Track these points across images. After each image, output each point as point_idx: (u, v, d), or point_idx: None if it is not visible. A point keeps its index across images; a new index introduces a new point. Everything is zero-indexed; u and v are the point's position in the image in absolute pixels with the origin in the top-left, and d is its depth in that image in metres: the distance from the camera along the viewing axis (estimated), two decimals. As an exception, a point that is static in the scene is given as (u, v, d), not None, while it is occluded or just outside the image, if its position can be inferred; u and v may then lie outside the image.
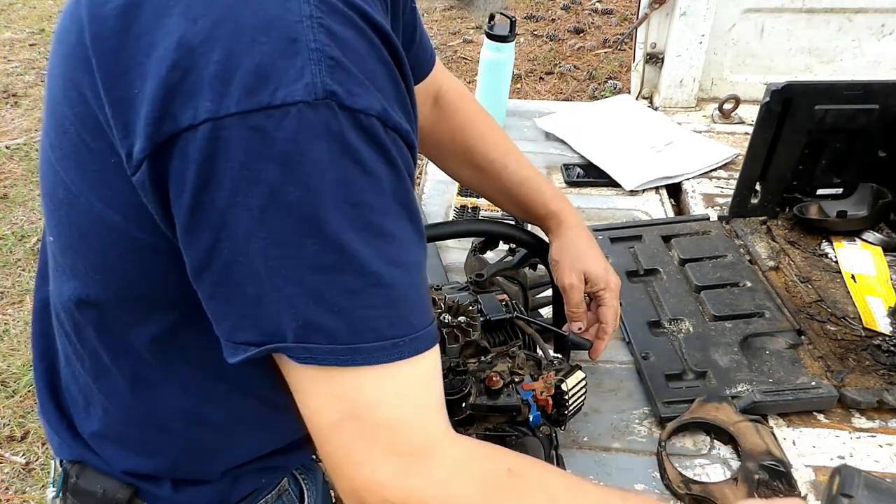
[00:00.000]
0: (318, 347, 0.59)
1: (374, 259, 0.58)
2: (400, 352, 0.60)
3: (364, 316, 0.59)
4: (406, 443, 0.62)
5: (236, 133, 0.53)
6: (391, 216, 0.60)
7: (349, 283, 0.58)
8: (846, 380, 1.10)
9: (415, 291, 0.62)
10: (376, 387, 0.61)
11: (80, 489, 0.84)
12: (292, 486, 0.94)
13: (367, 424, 0.61)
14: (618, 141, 1.76)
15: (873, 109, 1.32)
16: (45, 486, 2.25)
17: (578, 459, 1.01)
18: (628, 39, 2.18)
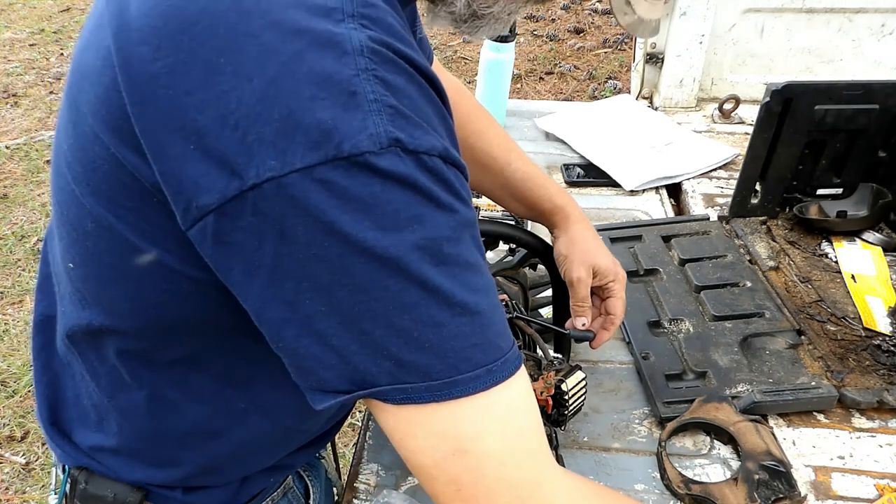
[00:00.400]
0: (413, 386, 0.58)
1: (456, 289, 0.58)
2: (494, 377, 0.60)
3: (455, 347, 0.59)
4: (516, 472, 0.62)
5: (303, 188, 0.53)
6: (463, 245, 0.60)
7: (436, 317, 0.58)
8: (846, 380, 1.10)
9: (497, 314, 0.62)
10: (477, 418, 0.60)
11: (90, 494, 0.84)
12: (297, 483, 0.95)
13: (472, 458, 0.60)
14: (618, 141, 1.76)
15: (873, 109, 1.32)
16: (45, 487, 2.25)
17: (578, 459, 1.01)
18: (628, 39, 2.18)
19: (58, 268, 0.78)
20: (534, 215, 1.10)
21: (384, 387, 0.59)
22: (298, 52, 0.53)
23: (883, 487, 0.98)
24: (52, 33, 5.13)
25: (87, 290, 0.73)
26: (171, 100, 0.55)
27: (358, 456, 1.02)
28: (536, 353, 1.02)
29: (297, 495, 0.96)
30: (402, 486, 0.98)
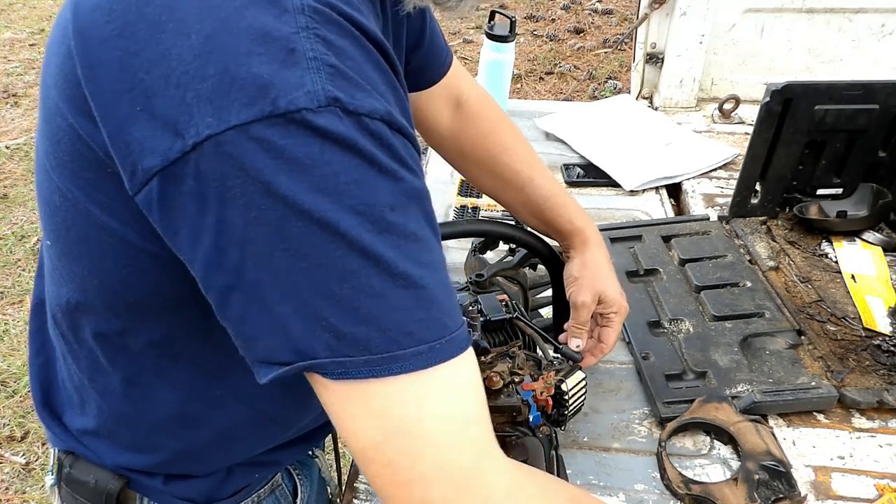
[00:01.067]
0: (352, 360, 0.56)
1: (399, 260, 0.57)
2: (437, 355, 0.58)
3: (397, 320, 0.57)
4: (456, 458, 0.60)
5: (240, 146, 0.53)
6: (410, 216, 0.58)
7: (377, 287, 0.56)
8: (846, 380, 1.10)
9: (444, 291, 0.61)
10: (418, 397, 0.58)
11: (74, 479, 0.85)
12: (286, 481, 0.94)
13: (410, 441, 0.59)
14: (618, 141, 1.76)
15: (873, 109, 1.32)
16: (44, 487, 2.25)
17: (578, 459, 1.01)
18: (628, 39, 2.18)
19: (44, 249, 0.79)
20: (551, 233, 1.09)
21: (323, 359, 0.57)
22: (238, 8, 0.53)
23: (883, 487, 0.98)
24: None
25: (62, 267, 0.73)
26: (119, 61, 0.55)
27: (358, 456, 1.02)
28: (536, 354, 1.02)
29: (286, 493, 0.95)
30: (402, 486, 0.98)
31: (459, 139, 1.10)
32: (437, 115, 1.09)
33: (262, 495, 0.91)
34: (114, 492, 0.83)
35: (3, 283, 2.99)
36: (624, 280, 1.32)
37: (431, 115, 1.09)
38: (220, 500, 0.88)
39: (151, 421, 0.80)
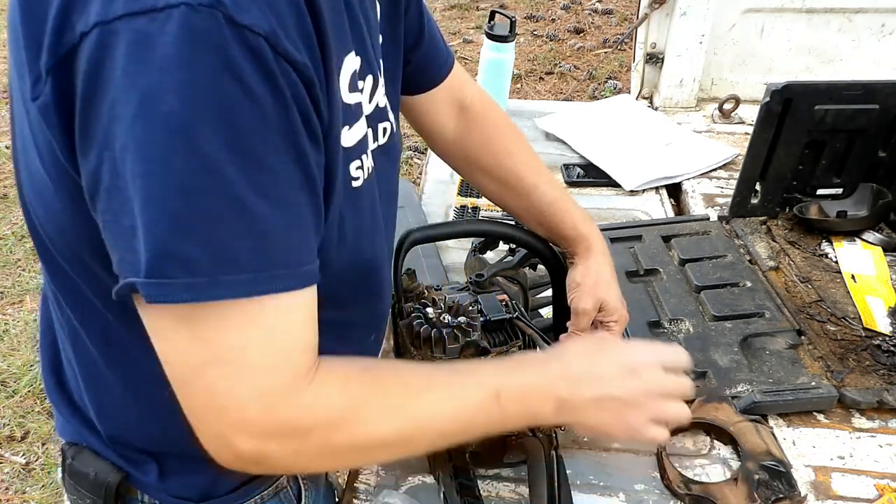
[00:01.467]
0: (173, 283, 0.56)
1: (243, 186, 0.56)
2: (260, 286, 0.58)
3: (226, 246, 0.57)
4: (272, 384, 0.62)
5: (121, 37, 0.53)
6: (270, 147, 0.57)
7: (214, 208, 0.56)
8: (846, 380, 1.10)
9: (283, 229, 0.60)
10: (241, 327, 0.59)
11: (76, 470, 0.85)
12: (291, 484, 0.94)
13: (231, 368, 0.60)
14: (618, 141, 1.76)
15: (873, 109, 1.32)
16: (45, 486, 2.26)
17: (578, 459, 1.01)
18: (628, 39, 2.18)
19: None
20: (556, 239, 1.09)
21: (143, 279, 0.56)
22: None
23: (883, 487, 0.98)
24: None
25: (30, 221, 0.74)
26: None
27: (358, 456, 1.02)
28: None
29: (290, 496, 0.93)
30: (402, 485, 0.98)
31: (464, 144, 1.10)
32: (442, 120, 1.09)
33: (266, 497, 0.90)
34: (113, 484, 0.83)
35: (3, 283, 2.99)
36: (624, 280, 1.32)
37: (435, 119, 1.08)
38: (218, 496, 0.87)
39: (131, 383, 0.79)
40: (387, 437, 0.69)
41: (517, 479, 0.98)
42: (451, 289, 1.09)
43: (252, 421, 0.62)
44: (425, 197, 1.59)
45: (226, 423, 0.62)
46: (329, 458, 0.69)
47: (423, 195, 1.59)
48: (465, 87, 1.09)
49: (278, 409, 0.63)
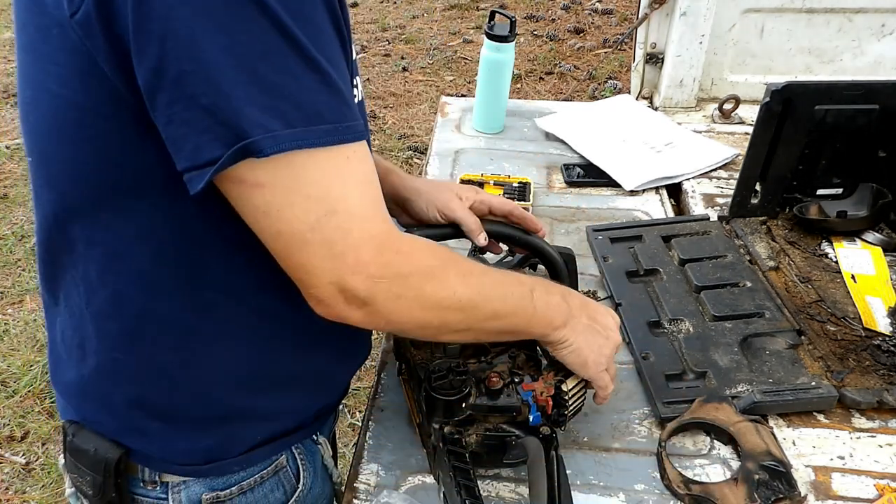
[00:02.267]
0: (279, 134, 0.63)
1: (310, 46, 0.63)
2: (344, 134, 0.66)
3: (310, 100, 0.64)
4: (377, 228, 0.71)
5: None
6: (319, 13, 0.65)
7: (293, 67, 0.63)
8: (846, 380, 1.10)
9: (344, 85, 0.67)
10: (339, 175, 0.67)
11: (76, 447, 0.88)
12: (290, 463, 0.96)
13: (342, 217, 0.68)
14: (618, 141, 1.76)
15: (873, 109, 1.32)
16: (45, 486, 2.26)
17: (578, 459, 1.01)
18: (628, 39, 2.18)
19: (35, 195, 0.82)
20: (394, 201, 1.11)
21: (256, 136, 0.62)
22: None
23: (883, 487, 0.98)
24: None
25: (42, 176, 0.77)
26: None
27: (358, 456, 1.02)
28: (536, 354, 1.02)
29: (289, 476, 0.96)
30: (402, 486, 0.98)
31: None
32: None
33: (266, 476, 0.93)
34: (112, 460, 0.86)
35: (3, 283, 2.99)
36: (624, 280, 1.32)
37: None
38: (224, 460, 0.89)
39: (147, 336, 0.81)
40: (462, 299, 0.79)
41: (517, 479, 0.98)
42: (451, 289, 1.09)
43: (367, 263, 0.70)
44: (425, 197, 1.59)
45: (344, 268, 0.69)
46: (418, 309, 0.77)
47: (423, 195, 1.59)
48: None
49: (386, 252, 0.71)
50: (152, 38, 0.60)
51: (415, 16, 5.26)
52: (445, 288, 0.78)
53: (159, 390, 0.84)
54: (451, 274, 0.79)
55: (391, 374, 1.14)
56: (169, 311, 0.80)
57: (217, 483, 0.90)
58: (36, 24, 0.69)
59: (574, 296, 0.95)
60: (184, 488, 0.89)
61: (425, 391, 0.92)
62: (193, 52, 0.60)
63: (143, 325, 0.81)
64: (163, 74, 0.61)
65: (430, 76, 4.52)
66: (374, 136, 3.96)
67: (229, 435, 0.89)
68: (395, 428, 1.06)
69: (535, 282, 0.90)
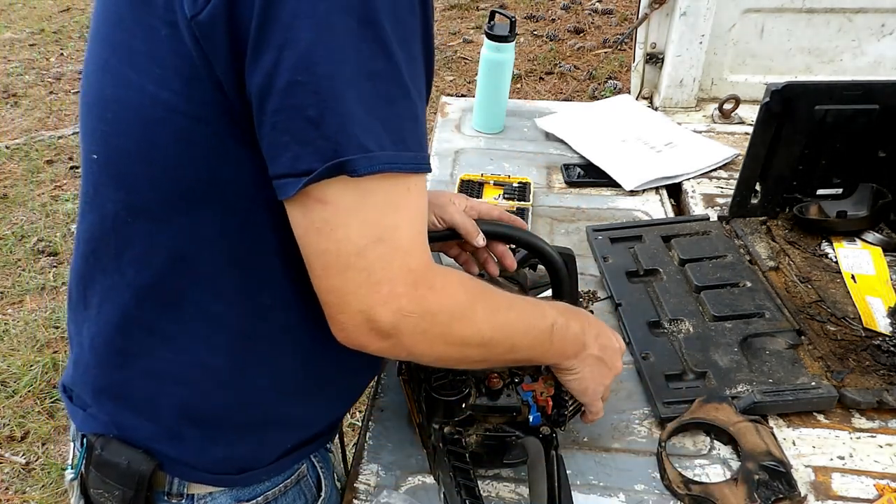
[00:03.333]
0: (374, 155, 0.64)
1: (406, 74, 0.65)
2: (418, 164, 0.68)
3: (398, 126, 0.66)
4: (416, 263, 0.71)
5: None
6: (416, 42, 0.67)
7: (391, 92, 0.65)
8: (846, 380, 1.10)
9: (423, 116, 0.69)
10: (398, 205, 0.68)
11: (105, 461, 0.86)
12: (310, 472, 0.97)
13: (387, 247, 0.69)
14: (618, 141, 1.76)
15: (873, 109, 1.32)
16: (45, 486, 2.25)
17: (578, 459, 1.01)
18: (628, 39, 2.18)
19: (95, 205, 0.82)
20: None
21: (354, 156, 0.64)
22: None
23: (883, 487, 0.98)
24: (51, 33, 5.12)
25: (111, 173, 0.78)
26: None
27: (358, 456, 1.02)
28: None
29: (310, 485, 0.97)
30: (402, 486, 0.98)
31: None
32: None
33: (289, 486, 0.93)
34: (146, 473, 0.84)
35: (3, 283, 2.99)
36: (624, 280, 1.32)
37: None
38: (256, 468, 0.89)
39: (202, 346, 0.82)
40: (484, 336, 0.80)
41: (517, 479, 0.98)
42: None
43: (399, 295, 0.70)
44: (425, 197, 1.59)
45: (376, 298, 0.70)
46: (441, 345, 0.77)
47: (423, 195, 1.59)
48: None
49: (420, 287, 0.72)
50: (272, 45, 0.62)
51: (415, 16, 5.25)
52: (472, 326, 0.78)
53: (207, 394, 0.84)
54: (478, 311, 0.79)
55: (391, 374, 1.14)
56: (227, 314, 0.80)
57: (243, 494, 0.89)
58: (138, 21, 0.69)
59: (592, 325, 0.95)
60: (210, 500, 0.88)
61: (425, 391, 0.92)
62: (308, 63, 0.62)
63: (199, 328, 0.81)
64: (275, 81, 0.63)
65: (430, 76, 4.51)
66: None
67: (263, 442, 0.89)
68: (395, 428, 1.06)
69: (558, 313, 0.89)
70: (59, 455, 2.36)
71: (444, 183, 1.62)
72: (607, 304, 1.29)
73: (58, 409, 2.49)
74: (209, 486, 0.88)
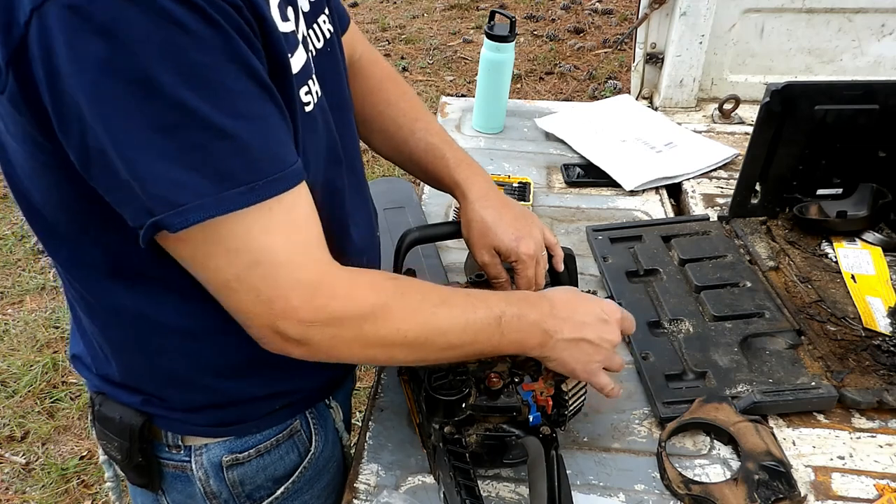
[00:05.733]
0: (187, 207, 0.65)
1: (214, 113, 0.64)
2: (262, 192, 0.67)
3: (219, 167, 0.65)
4: (304, 275, 0.72)
5: (56, 16, 0.58)
6: (224, 71, 0.64)
7: (195, 139, 0.64)
8: (846, 380, 1.10)
9: (262, 140, 0.68)
10: (261, 230, 0.69)
11: (103, 416, 0.93)
12: (304, 427, 0.99)
13: (268, 268, 0.70)
14: (618, 141, 1.76)
15: (873, 109, 1.32)
16: (45, 487, 2.26)
17: (578, 459, 1.01)
18: (628, 39, 2.18)
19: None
20: (442, 189, 1.09)
21: (162, 215, 0.65)
22: None
23: (883, 487, 0.98)
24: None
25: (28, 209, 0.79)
26: None
27: (358, 456, 1.02)
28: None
29: (303, 439, 0.99)
30: (402, 486, 0.98)
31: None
32: None
33: (282, 439, 0.97)
34: (137, 426, 0.90)
35: (3, 283, 2.99)
36: (624, 280, 1.32)
37: None
38: (246, 422, 0.93)
39: (129, 336, 0.86)
40: (408, 336, 0.79)
41: (517, 479, 0.98)
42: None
43: (296, 308, 0.72)
44: (425, 197, 1.59)
45: (274, 314, 0.72)
46: (358, 347, 0.78)
47: (423, 195, 1.59)
48: (356, 45, 1.10)
49: (316, 298, 0.73)
50: (71, 118, 0.63)
51: (415, 16, 5.26)
52: (387, 327, 0.78)
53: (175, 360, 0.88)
54: (395, 312, 0.79)
55: (391, 374, 1.14)
56: (164, 309, 0.83)
57: (236, 445, 0.94)
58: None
59: (560, 308, 0.91)
60: (205, 451, 0.93)
61: (425, 391, 0.92)
62: (102, 133, 0.63)
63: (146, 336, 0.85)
64: (88, 150, 0.64)
65: (430, 76, 4.52)
66: (374, 136, 3.95)
67: (246, 400, 0.93)
68: (395, 428, 1.06)
69: (507, 304, 0.87)
70: (59, 455, 2.36)
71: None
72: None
73: (58, 409, 2.49)
74: (203, 438, 0.93)
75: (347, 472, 1.02)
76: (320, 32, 0.87)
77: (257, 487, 0.97)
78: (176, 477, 0.95)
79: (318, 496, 1.04)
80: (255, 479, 0.96)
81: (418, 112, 1.10)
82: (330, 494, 1.07)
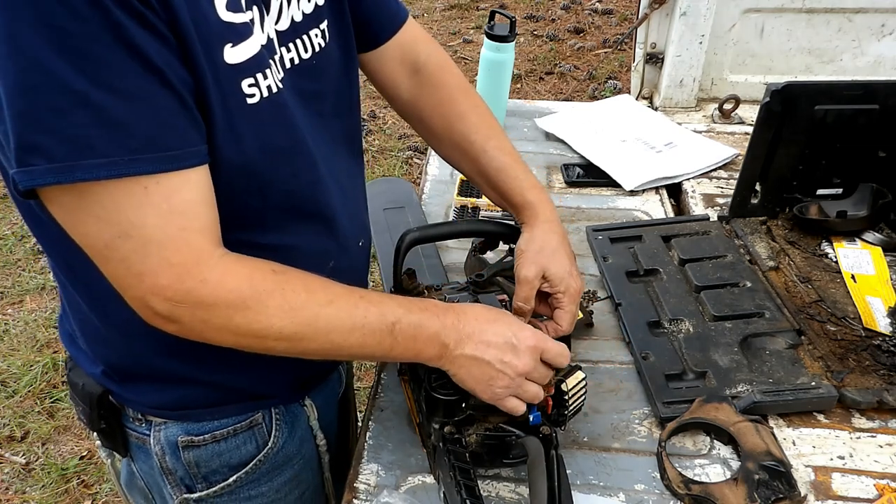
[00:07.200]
0: (36, 169, 0.65)
1: (79, 80, 0.64)
2: (119, 169, 0.67)
3: (78, 134, 0.65)
4: (175, 257, 0.73)
5: None
6: (100, 44, 0.64)
7: (55, 102, 0.64)
8: (846, 380, 1.10)
9: (135, 117, 0.68)
10: (132, 205, 0.69)
11: (72, 380, 1.00)
12: (266, 421, 1.01)
13: (137, 242, 0.71)
14: (618, 141, 1.76)
15: (873, 109, 1.32)
16: (44, 487, 2.26)
17: (578, 459, 1.01)
18: (628, 39, 2.18)
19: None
20: (506, 206, 1.08)
21: (13, 171, 0.67)
22: None
23: (883, 487, 0.98)
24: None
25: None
26: None
27: (358, 456, 1.02)
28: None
29: (263, 432, 1.01)
30: (402, 486, 0.98)
31: (418, 106, 1.10)
32: (395, 79, 1.10)
33: (239, 430, 0.99)
34: (95, 395, 0.96)
35: (3, 283, 2.99)
36: (624, 280, 1.32)
37: (388, 78, 1.10)
38: (191, 408, 0.96)
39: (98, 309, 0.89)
40: (283, 331, 0.79)
41: (517, 479, 0.98)
42: (451, 289, 1.09)
43: (164, 287, 0.73)
44: (425, 197, 1.59)
45: (144, 288, 0.73)
46: (230, 335, 0.79)
47: (423, 195, 1.59)
48: (420, 48, 1.09)
49: (185, 281, 0.73)
50: None
51: (415, 16, 5.25)
52: (258, 321, 0.77)
53: (120, 352, 0.93)
54: (269, 306, 0.77)
55: (391, 374, 1.14)
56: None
57: (192, 428, 0.96)
58: None
59: (467, 322, 0.87)
60: (164, 428, 0.96)
61: (425, 391, 0.92)
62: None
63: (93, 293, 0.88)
64: None
65: (430, 76, 4.51)
66: (375, 136, 3.96)
67: (196, 389, 0.95)
68: (395, 428, 1.06)
69: (406, 312, 0.84)
70: (59, 455, 2.36)
71: (444, 183, 1.62)
72: (607, 304, 1.29)
73: (58, 409, 2.49)
74: (159, 417, 0.96)
75: (322, 471, 1.04)
76: (309, 44, 0.87)
77: (213, 471, 0.99)
78: (139, 448, 0.99)
79: (277, 490, 1.05)
80: (210, 463, 0.98)
81: (490, 128, 1.10)
82: (293, 490, 1.07)
